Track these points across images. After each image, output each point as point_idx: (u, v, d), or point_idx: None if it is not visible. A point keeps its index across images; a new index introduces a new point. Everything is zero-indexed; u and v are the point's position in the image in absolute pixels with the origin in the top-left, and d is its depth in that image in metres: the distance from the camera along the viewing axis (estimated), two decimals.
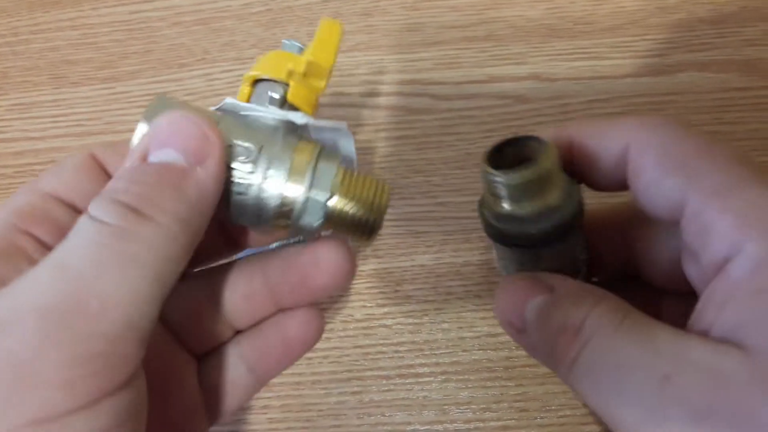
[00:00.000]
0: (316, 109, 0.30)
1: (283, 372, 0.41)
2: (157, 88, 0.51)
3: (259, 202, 0.25)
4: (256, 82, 0.30)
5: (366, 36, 0.51)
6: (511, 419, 0.40)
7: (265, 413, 0.41)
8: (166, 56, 0.52)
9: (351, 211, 0.27)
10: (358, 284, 0.44)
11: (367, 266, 0.44)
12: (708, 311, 0.22)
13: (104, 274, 0.20)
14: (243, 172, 0.25)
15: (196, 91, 0.50)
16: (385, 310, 0.43)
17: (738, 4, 0.49)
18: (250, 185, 0.25)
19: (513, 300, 0.26)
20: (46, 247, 0.24)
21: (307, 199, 0.26)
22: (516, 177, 0.25)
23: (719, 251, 0.22)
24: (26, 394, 0.18)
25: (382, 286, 0.43)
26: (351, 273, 0.28)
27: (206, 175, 0.23)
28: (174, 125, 0.24)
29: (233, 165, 0.25)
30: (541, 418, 0.40)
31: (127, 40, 0.53)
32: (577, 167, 0.27)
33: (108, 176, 0.27)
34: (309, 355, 0.42)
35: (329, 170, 0.27)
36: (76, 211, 0.25)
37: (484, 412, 0.40)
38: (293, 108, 0.29)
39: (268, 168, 0.25)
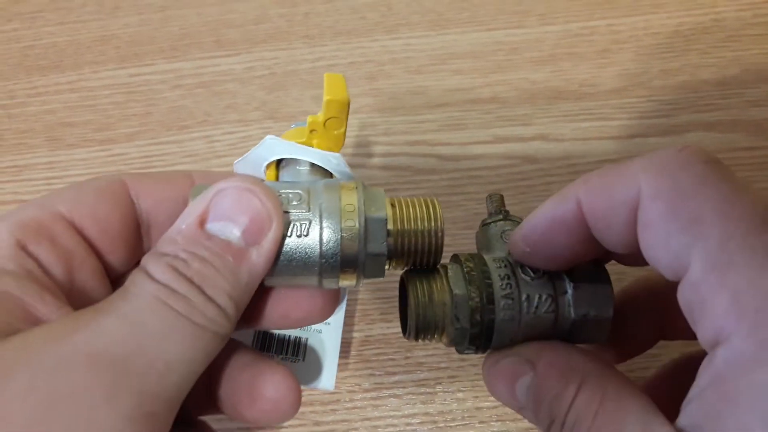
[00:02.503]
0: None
1: None
2: (155, 150, 0.50)
3: (319, 242, 0.25)
4: (279, 161, 0.32)
5: (371, 99, 0.50)
6: None
7: None
8: (167, 118, 0.51)
9: (413, 227, 0.26)
10: (367, 351, 0.41)
11: (375, 331, 0.42)
12: (690, 394, 0.21)
13: (171, 336, 0.21)
14: (300, 215, 0.25)
15: (197, 153, 0.49)
16: (396, 378, 0.40)
17: (740, 66, 0.49)
18: (309, 225, 0.25)
19: (502, 385, 0.26)
20: (44, 270, 0.23)
21: (366, 223, 0.25)
22: (410, 333, 0.27)
23: (710, 333, 0.20)
24: None
25: (392, 353, 0.41)
26: (293, 406, 0.26)
27: (259, 258, 0.23)
28: (241, 198, 0.24)
29: (288, 210, 0.25)
30: None
31: (126, 103, 0.52)
32: (593, 235, 0.24)
33: (132, 206, 0.26)
34: (313, 429, 0.39)
35: (378, 195, 0.27)
36: (83, 236, 0.25)
37: None
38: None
39: (320, 204, 0.25)
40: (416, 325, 0.26)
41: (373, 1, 0.55)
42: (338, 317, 0.33)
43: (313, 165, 0.32)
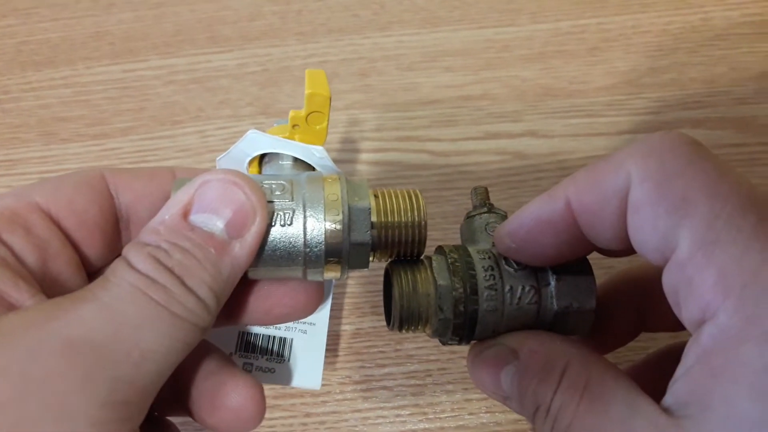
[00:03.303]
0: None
1: None
2: (149, 144, 0.50)
3: (303, 231, 0.25)
4: (262, 157, 0.33)
5: (362, 95, 0.51)
6: None
7: None
8: (160, 114, 0.52)
9: (396, 219, 0.26)
10: (357, 343, 0.42)
11: (365, 324, 0.42)
12: (677, 373, 0.21)
13: (148, 326, 0.21)
14: (283, 204, 0.25)
15: (189, 148, 0.50)
16: (386, 370, 0.41)
17: (728, 64, 0.50)
18: (293, 215, 0.25)
19: (486, 374, 0.26)
20: (18, 258, 0.23)
21: (350, 212, 0.26)
22: (394, 323, 0.27)
23: (695, 311, 0.20)
24: (56, 425, 0.19)
25: (382, 345, 0.41)
26: (255, 417, 0.26)
27: (242, 251, 0.23)
28: (225, 190, 0.24)
29: (272, 200, 0.25)
30: None
31: (120, 98, 0.53)
32: (583, 233, 0.24)
33: (111, 200, 0.26)
34: (303, 420, 0.40)
35: (361, 186, 0.27)
36: (59, 227, 0.25)
37: None
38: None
39: (303, 194, 0.25)
40: (400, 315, 0.26)
41: None
42: (323, 317, 0.33)
43: (296, 160, 0.32)
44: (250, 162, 0.33)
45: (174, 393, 0.26)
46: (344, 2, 0.55)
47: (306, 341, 0.33)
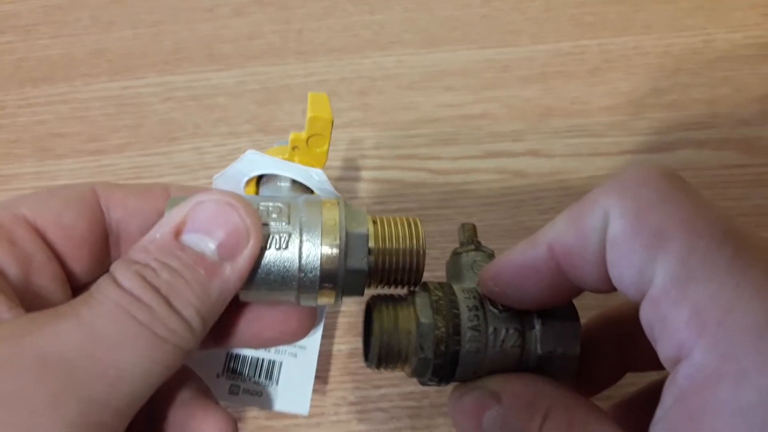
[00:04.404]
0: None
1: None
2: (145, 161, 0.49)
3: (299, 255, 0.25)
4: (260, 178, 0.32)
5: (361, 113, 0.50)
6: None
7: None
8: (157, 130, 0.51)
9: (395, 246, 0.26)
10: (352, 364, 0.40)
11: (359, 343, 0.41)
12: (656, 415, 0.20)
13: (127, 346, 0.20)
14: (280, 227, 0.25)
15: (186, 165, 0.49)
16: (382, 392, 0.39)
17: (730, 86, 0.50)
18: (288, 238, 0.25)
19: (468, 419, 0.25)
20: None
21: (348, 238, 0.25)
22: (373, 360, 0.26)
23: (671, 349, 0.20)
24: None
25: None
26: None
27: (232, 275, 0.23)
28: (219, 211, 0.23)
29: (268, 223, 0.25)
30: None
31: (118, 115, 0.52)
32: (567, 277, 0.23)
33: (101, 215, 0.26)
34: None
35: (360, 212, 0.26)
36: (45, 241, 0.24)
37: None
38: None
39: (300, 217, 0.25)
40: (379, 352, 0.26)
41: (366, 19, 0.55)
42: (314, 341, 0.32)
43: (294, 182, 0.31)
44: (248, 182, 0.32)
45: (148, 423, 0.25)
46: (345, 22, 0.55)
47: (296, 365, 0.32)
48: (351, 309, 0.42)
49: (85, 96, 0.53)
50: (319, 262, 0.24)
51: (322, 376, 0.40)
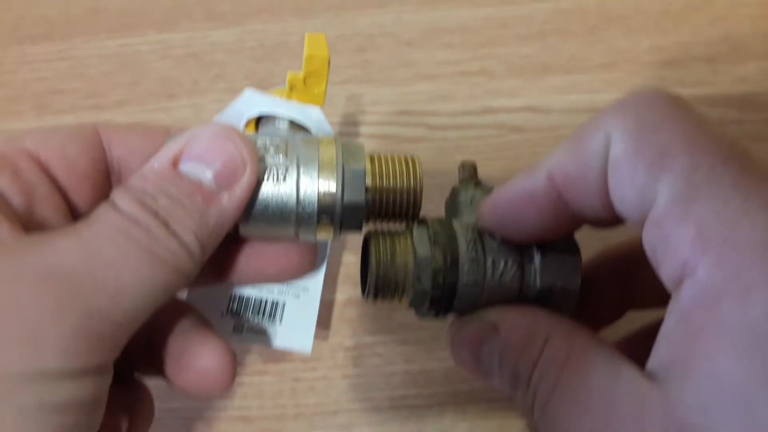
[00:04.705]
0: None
1: (264, 405, 0.38)
2: (143, 117, 0.50)
3: (297, 190, 0.25)
4: (258, 121, 0.32)
5: (360, 70, 0.50)
6: None
7: None
8: (155, 87, 0.51)
9: (392, 184, 0.26)
10: (349, 312, 0.41)
11: (358, 293, 0.41)
12: (659, 337, 0.20)
13: (127, 262, 0.21)
14: (277, 161, 0.25)
15: (184, 121, 0.49)
16: (378, 338, 0.40)
17: (729, 44, 0.49)
18: (286, 172, 0.25)
19: (467, 351, 0.26)
20: (2, 197, 0.23)
21: (345, 172, 0.25)
22: (369, 292, 0.26)
23: (674, 269, 0.19)
24: (25, 349, 0.18)
25: (375, 314, 0.40)
26: (222, 383, 0.26)
27: (230, 203, 0.23)
28: (215, 142, 0.23)
29: (265, 157, 0.25)
30: None
31: (116, 72, 0.52)
32: (567, 207, 0.23)
33: (103, 152, 0.26)
34: (293, 385, 0.39)
35: (357, 148, 0.26)
36: (48, 174, 0.24)
37: None
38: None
39: (298, 153, 0.25)
40: (376, 284, 0.26)
41: None
42: (317, 283, 0.33)
43: (292, 124, 0.31)
44: (247, 124, 0.32)
45: (147, 351, 0.26)
46: None
47: (298, 306, 0.32)
48: (349, 260, 0.43)
49: (84, 54, 0.53)
50: (316, 195, 0.25)
51: (320, 322, 0.40)
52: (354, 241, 0.43)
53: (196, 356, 0.25)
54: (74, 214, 0.26)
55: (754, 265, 0.17)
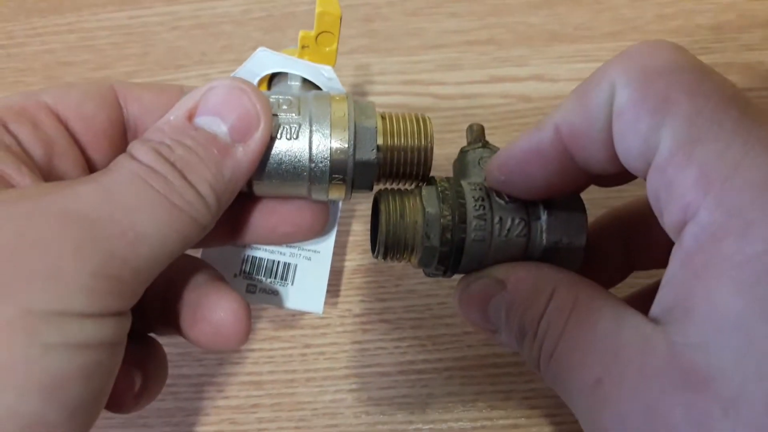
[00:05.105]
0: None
1: (275, 370, 0.39)
2: None
3: (309, 146, 0.25)
4: (271, 79, 0.33)
5: (367, 40, 0.51)
6: (521, 417, 0.37)
7: (255, 412, 0.38)
8: (164, 59, 0.51)
9: (403, 142, 0.26)
10: (357, 279, 0.42)
11: (366, 261, 0.42)
12: (662, 282, 0.20)
13: (145, 208, 0.21)
14: (290, 118, 0.25)
15: None
16: (386, 305, 0.41)
17: (735, 11, 0.49)
18: (299, 129, 0.25)
19: (474, 308, 0.26)
20: (23, 149, 0.23)
21: (357, 129, 0.25)
22: (379, 250, 0.27)
23: (677, 213, 0.19)
24: (47, 285, 0.19)
25: (383, 281, 0.41)
26: (237, 335, 0.26)
27: (244, 157, 0.24)
28: (230, 95, 0.24)
29: (278, 114, 0.25)
30: (554, 416, 0.37)
31: (125, 44, 0.52)
32: (574, 161, 0.23)
33: (119, 109, 0.26)
34: (303, 351, 0.39)
35: (369, 106, 0.26)
36: (67, 129, 0.25)
37: (492, 409, 0.37)
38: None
39: (310, 110, 0.25)
40: (386, 241, 0.26)
41: None
42: (328, 245, 0.33)
43: (304, 82, 0.32)
44: (259, 83, 0.33)
45: (162, 309, 0.26)
46: None
47: (310, 268, 0.33)
48: (358, 228, 0.43)
49: (93, 25, 0.54)
50: (329, 152, 0.25)
51: (329, 290, 0.41)
52: (362, 209, 0.44)
53: (211, 308, 0.26)
54: (92, 170, 0.26)
55: (755, 203, 0.18)
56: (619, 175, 0.24)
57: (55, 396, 0.18)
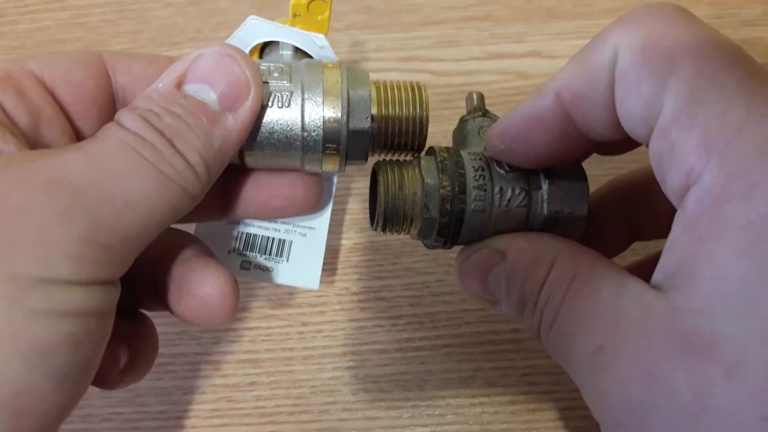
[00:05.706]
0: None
1: (273, 348, 0.39)
2: None
3: (301, 114, 0.25)
4: (262, 49, 0.32)
5: (364, 15, 0.50)
6: (518, 394, 0.37)
7: (253, 390, 0.38)
8: (158, 35, 0.51)
9: (397, 112, 0.26)
10: (354, 257, 0.41)
11: (363, 239, 0.42)
12: (664, 248, 0.20)
13: (133, 176, 0.21)
14: (281, 86, 0.25)
15: None
16: (383, 282, 0.40)
17: None
18: (291, 97, 0.25)
19: (475, 279, 0.26)
20: (8, 116, 0.22)
21: (350, 98, 0.25)
22: (378, 222, 0.26)
23: (680, 177, 0.19)
24: (33, 251, 0.18)
25: (380, 259, 0.41)
26: (223, 310, 0.26)
27: (234, 125, 0.23)
28: (220, 62, 0.23)
29: (269, 81, 0.24)
30: (552, 392, 0.37)
31: (117, 21, 0.52)
32: (575, 128, 0.23)
33: (108, 78, 0.26)
34: (300, 329, 0.39)
35: (362, 75, 0.26)
36: (54, 97, 0.24)
37: (490, 386, 0.37)
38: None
39: (302, 78, 0.25)
40: (384, 213, 0.26)
41: None
42: (323, 222, 0.33)
43: (296, 51, 0.31)
44: (251, 52, 0.32)
45: (151, 283, 0.26)
46: None
47: (305, 244, 0.32)
48: (354, 207, 0.43)
49: (85, 2, 0.53)
50: (321, 120, 0.25)
51: (326, 268, 0.41)
52: (359, 188, 0.43)
53: (197, 283, 0.25)
54: (79, 139, 0.25)
55: (758, 166, 0.17)
56: (621, 142, 0.23)
57: (42, 363, 0.18)
